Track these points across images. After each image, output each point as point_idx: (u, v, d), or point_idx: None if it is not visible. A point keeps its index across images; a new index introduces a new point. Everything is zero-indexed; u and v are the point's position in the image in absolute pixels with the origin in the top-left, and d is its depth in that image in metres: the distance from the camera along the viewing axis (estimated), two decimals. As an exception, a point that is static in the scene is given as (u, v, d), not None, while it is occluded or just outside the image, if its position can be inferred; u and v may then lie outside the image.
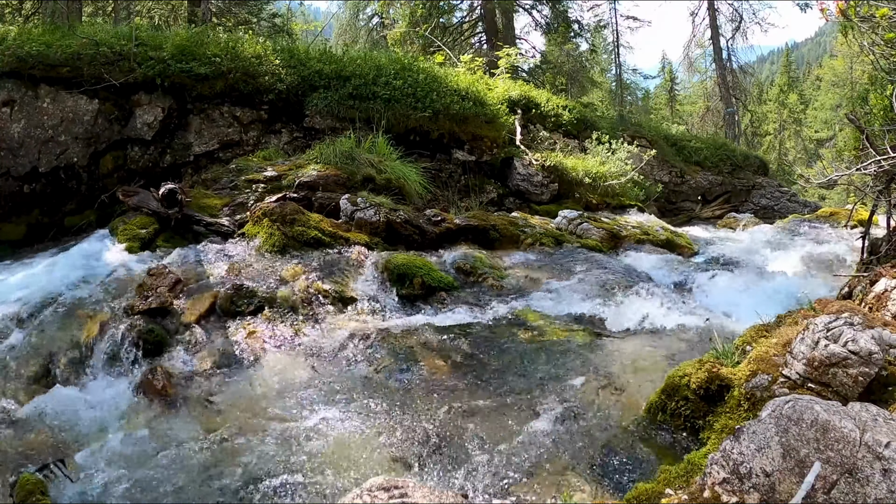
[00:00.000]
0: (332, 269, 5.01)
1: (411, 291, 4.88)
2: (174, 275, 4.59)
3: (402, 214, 6.06)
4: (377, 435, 3.17)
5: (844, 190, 19.72)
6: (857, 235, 4.82)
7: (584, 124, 11.41)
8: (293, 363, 3.89)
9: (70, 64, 7.20)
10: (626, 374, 3.64)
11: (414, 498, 1.90)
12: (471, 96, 9.04)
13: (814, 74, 44.86)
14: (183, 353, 4.01)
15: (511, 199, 9.04)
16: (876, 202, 4.29)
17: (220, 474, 2.93)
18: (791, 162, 34.06)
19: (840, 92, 33.44)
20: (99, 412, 3.48)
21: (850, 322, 2.68)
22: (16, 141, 7.05)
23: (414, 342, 4.08)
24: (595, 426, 3.15)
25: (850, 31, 4.22)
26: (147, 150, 7.55)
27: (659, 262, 6.27)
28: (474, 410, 3.34)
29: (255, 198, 6.33)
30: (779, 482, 1.88)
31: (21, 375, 3.77)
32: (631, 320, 4.50)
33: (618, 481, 2.74)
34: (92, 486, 2.88)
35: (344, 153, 6.98)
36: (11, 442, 3.22)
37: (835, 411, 1.96)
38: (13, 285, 4.94)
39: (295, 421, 3.30)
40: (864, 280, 3.72)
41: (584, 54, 19.54)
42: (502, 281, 5.26)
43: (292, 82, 8.09)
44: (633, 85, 27.10)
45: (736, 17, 21.86)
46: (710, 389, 2.87)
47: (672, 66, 32.48)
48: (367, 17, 22.77)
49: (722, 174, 13.49)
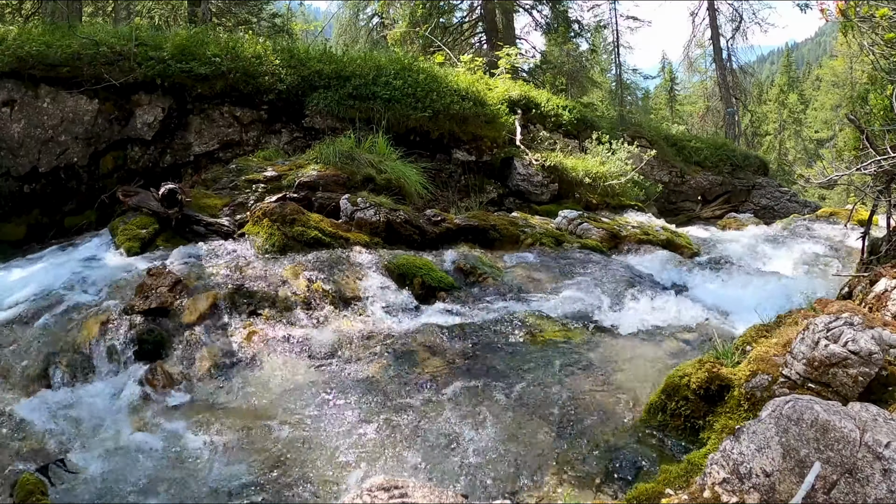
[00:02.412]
0: (332, 269, 5.01)
1: (411, 291, 4.88)
2: (174, 275, 4.59)
3: (402, 214, 6.06)
4: (377, 435, 3.18)
5: (844, 190, 19.73)
6: (857, 235, 4.82)
7: (584, 124, 11.40)
8: (293, 363, 3.89)
9: (70, 64, 7.20)
10: (625, 374, 3.65)
11: (414, 498, 1.90)
12: (471, 96, 9.04)
13: (814, 74, 44.87)
14: (183, 353, 4.00)
15: (511, 199, 9.04)
16: (876, 202, 4.29)
17: (220, 474, 2.94)
18: (791, 162, 34.06)
19: (840, 92, 33.43)
20: (99, 412, 3.48)
21: (850, 322, 2.68)
22: (16, 141, 7.05)
23: (414, 342, 4.08)
24: (595, 426, 3.15)
25: (850, 31, 4.21)
26: (147, 150, 7.55)
27: (659, 262, 6.27)
28: (474, 410, 3.34)
29: (255, 198, 6.33)
30: (779, 482, 1.88)
31: (21, 376, 3.77)
32: (631, 320, 4.50)
33: (618, 481, 2.75)
34: (92, 486, 2.88)
35: (344, 153, 6.98)
36: (11, 442, 3.22)
37: (835, 411, 1.96)
38: (13, 285, 4.94)
39: (294, 421, 3.30)
40: (864, 280, 3.72)
41: (584, 54, 19.51)
42: (502, 281, 5.26)
43: (292, 82, 8.09)
44: (633, 85, 27.06)
45: (736, 17, 21.83)
46: (710, 389, 2.87)
47: (672, 66, 32.45)
48: (367, 17, 22.74)
49: (722, 174, 13.49)
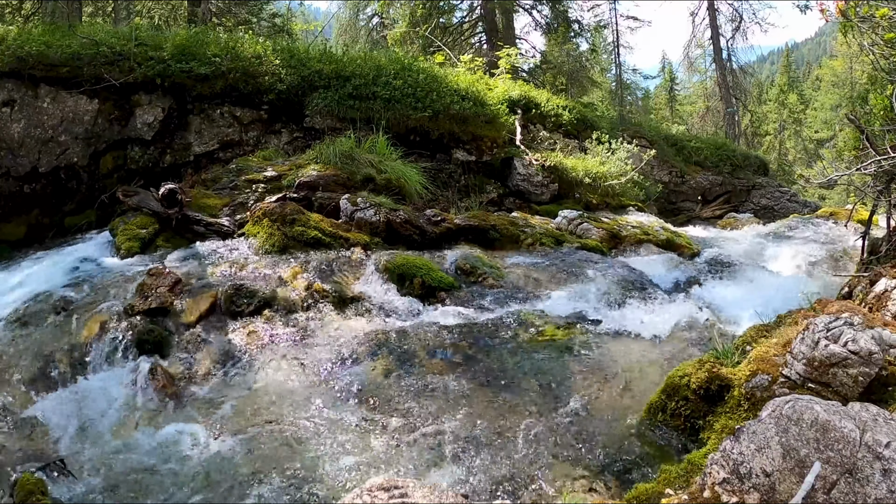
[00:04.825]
0: (332, 269, 5.01)
1: (411, 291, 4.87)
2: (174, 275, 4.59)
3: (402, 214, 6.06)
4: (377, 435, 3.17)
5: (844, 190, 19.72)
6: (857, 235, 4.82)
7: (584, 124, 11.40)
8: (293, 363, 3.89)
9: (70, 64, 7.20)
10: (625, 374, 3.65)
11: (414, 498, 1.90)
12: (471, 96, 9.03)
13: (814, 74, 44.87)
14: (183, 353, 4.00)
15: (511, 199, 9.03)
16: (876, 202, 4.28)
17: (219, 474, 2.93)
18: (791, 162, 34.06)
19: (840, 92, 33.41)
20: (98, 412, 3.48)
21: (850, 322, 2.68)
22: (16, 141, 7.05)
23: (414, 342, 4.08)
24: (595, 426, 3.15)
25: (850, 31, 4.21)
26: (147, 150, 7.55)
27: (659, 262, 6.27)
28: (474, 410, 3.34)
29: (255, 198, 6.33)
30: (779, 482, 1.88)
31: (21, 376, 3.77)
32: (631, 320, 4.50)
33: (618, 481, 2.75)
34: (92, 486, 2.88)
35: (344, 153, 6.98)
36: (11, 442, 3.22)
37: (835, 411, 1.96)
38: (13, 285, 4.95)
39: (294, 421, 3.30)
40: (864, 280, 3.72)
41: (584, 54, 19.49)
42: (502, 281, 5.26)
43: (292, 82, 8.09)
44: (633, 85, 27.07)
45: (736, 17, 21.82)
46: (710, 389, 2.87)
47: (672, 66, 32.46)
48: (367, 17, 22.73)
49: (722, 174, 13.49)
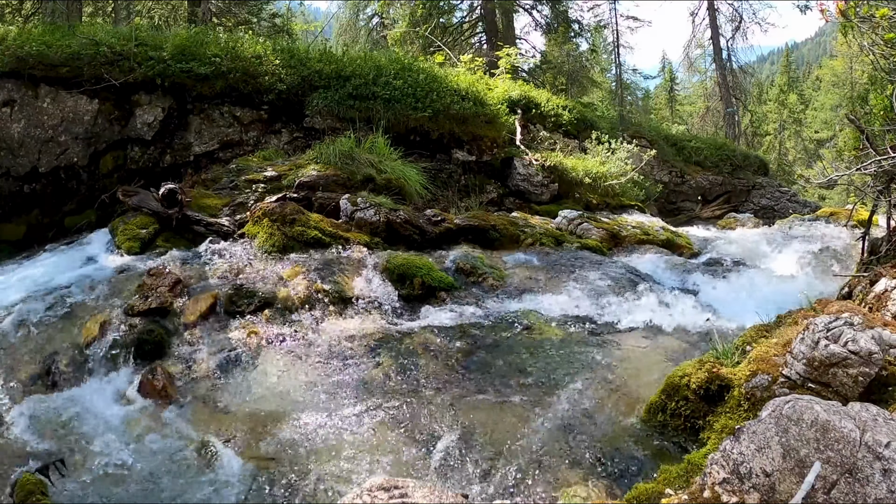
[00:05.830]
0: (332, 269, 5.01)
1: (411, 291, 4.87)
2: (174, 275, 4.59)
3: (402, 214, 6.06)
4: (377, 435, 3.17)
5: (844, 190, 19.71)
6: (857, 235, 4.82)
7: (584, 124, 11.40)
8: (293, 363, 3.89)
9: (70, 64, 7.20)
10: (626, 374, 3.64)
11: (414, 498, 1.90)
12: (471, 96, 9.03)
13: (814, 75, 44.83)
14: (183, 353, 4.00)
15: (511, 199, 9.03)
16: (876, 202, 4.28)
17: (220, 474, 2.93)
18: (791, 162, 34.04)
19: (840, 92, 33.40)
20: (99, 412, 3.48)
21: (850, 322, 2.68)
22: (16, 141, 7.05)
23: (414, 342, 4.08)
24: (595, 426, 3.15)
25: (850, 32, 4.21)
26: (147, 150, 7.54)
27: (659, 262, 6.27)
28: (474, 411, 3.34)
29: (255, 198, 6.33)
30: (779, 482, 1.88)
31: (21, 376, 3.77)
32: (631, 320, 4.50)
33: (618, 481, 2.74)
34: (92, 486, 2.88)
35: (344, 153, 6.98)
36: (12, 442, 3.22)
37: (835, 411, 1.96)
38: (13, 285, 4.94)
39: (294, 421, 3.30)
40: (864, 280, 3.71)
41: (584, 54, 19.50)
42: (502, 281, 5.26)
43: (292, 82, 8.09)
44: (633, 85, 27.11)
45: (736, 17, 21.83)
46: (710, 389, 2.87)
47: (672, 66, 32.50)
48: (367, 17, 22.75)
49: (722, 174, 13.49)
